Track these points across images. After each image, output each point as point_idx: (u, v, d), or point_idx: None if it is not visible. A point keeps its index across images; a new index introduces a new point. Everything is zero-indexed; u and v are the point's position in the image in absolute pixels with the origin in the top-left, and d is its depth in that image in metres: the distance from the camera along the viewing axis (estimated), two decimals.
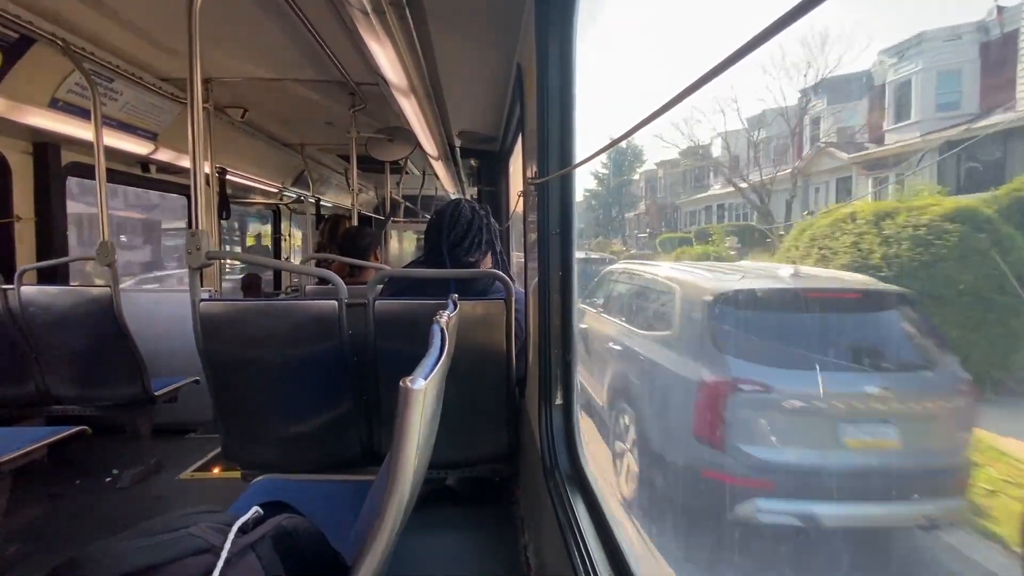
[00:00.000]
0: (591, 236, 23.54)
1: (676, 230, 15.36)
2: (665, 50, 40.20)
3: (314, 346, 1.61)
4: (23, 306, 2.30)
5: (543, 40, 1.27)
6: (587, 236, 26.00)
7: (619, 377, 3.96)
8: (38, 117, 2.43)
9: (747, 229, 10.00)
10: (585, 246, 17.04)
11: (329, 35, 2.16)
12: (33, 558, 1.83)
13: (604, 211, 24.85)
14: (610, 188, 24.31)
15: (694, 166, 15.42)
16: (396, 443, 0.61)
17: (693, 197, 15.07)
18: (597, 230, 23.93)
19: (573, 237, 1.32)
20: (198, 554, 0.48)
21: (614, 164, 25.02)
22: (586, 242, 20.76)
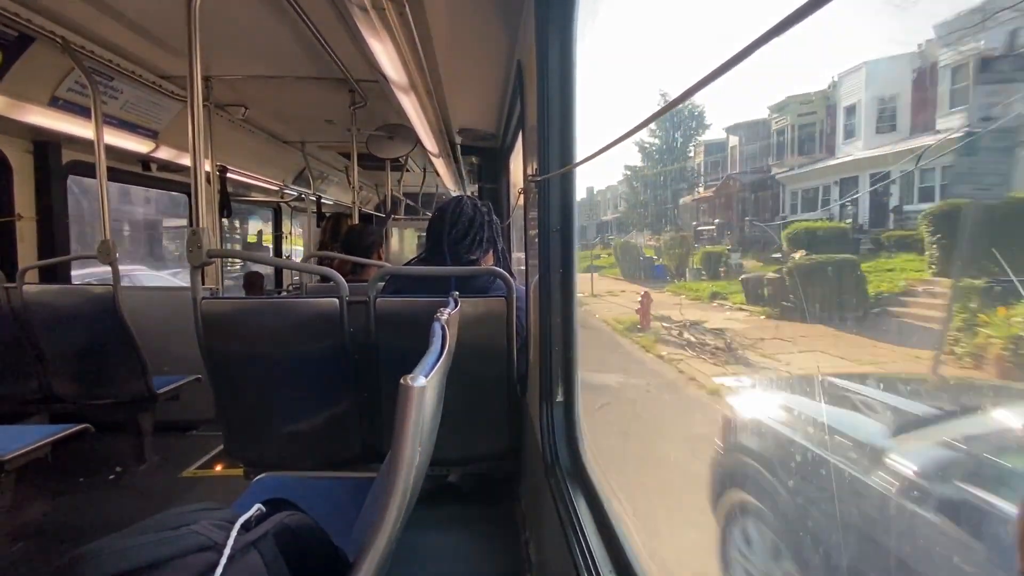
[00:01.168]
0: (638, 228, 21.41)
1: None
2: (672, 43, 38.90)
3: (315, 344, 1.61)
4: (25, 305, 2.30)
5: (543, 37, 1.26)
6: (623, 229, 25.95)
7: None
8: (38, 115, 2.43)
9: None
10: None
11: (329, 32, 2.15)
12: (37, 555, 1.84)
13: (652, 192, 21.39)
14: (666, 159, 21.30)
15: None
16: (396, 441, 0.62)
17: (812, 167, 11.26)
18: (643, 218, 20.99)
19: (574, 234, 1.32)
20: (201, 551, 0.48)
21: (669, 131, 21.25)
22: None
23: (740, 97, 7.20)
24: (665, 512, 2.10)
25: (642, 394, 3.79)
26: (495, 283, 1.72)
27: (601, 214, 37.95)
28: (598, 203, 38.91)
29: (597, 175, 42.64)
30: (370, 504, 0.91)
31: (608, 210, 35.75)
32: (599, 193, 37.56)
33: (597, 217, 38.41)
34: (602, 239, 34.25)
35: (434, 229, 1.87)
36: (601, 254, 17.57)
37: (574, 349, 1.36)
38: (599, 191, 37.92)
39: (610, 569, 0.88)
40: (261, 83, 2.86)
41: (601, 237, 35.38)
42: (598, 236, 34.68)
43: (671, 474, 2.40)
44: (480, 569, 1.58)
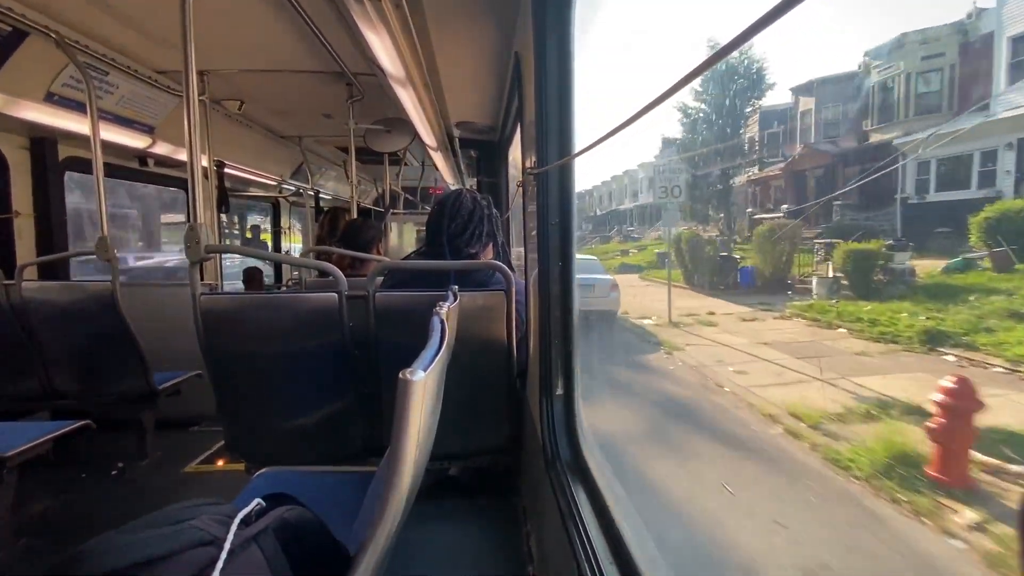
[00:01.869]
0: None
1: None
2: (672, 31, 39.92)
3: (315, 339, 1.61)
4: (24, 302, 2.30)
5: (541, 28, 1.25)
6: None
7: None
8: (34, 111, 2.42)
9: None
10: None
11: (325, 25, 2.14)
12: (40, 551, 1.85)
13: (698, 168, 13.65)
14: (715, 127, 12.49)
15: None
16: (396, 435, 0.62)
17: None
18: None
19: (573, 227, 1.32)
20: (201, 546, 0.49)
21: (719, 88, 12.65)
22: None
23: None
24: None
25: None
26: (494, 277, 1.72)
27: (614, 203, 31.46)
28: (611, 192, 32.90)
29: (609, 162, 35.58)
30: (370, 498, 0.91)
31: (625, 198, 29.82)
32: (613, 179, 31.50)
33: (611, 206, 32.32)
34: (619, 231, 27.61)
35: (433, 223, 1.87)
36: (631, 249, 15.23)
37: (573, 342, 1.36)
38: (613, 177, 32.07)
39: (611, 561, 0.89)
40: (258, 77, 2.84)
41: (618, 229, 28.78)
42: (613, 228, 28.79)
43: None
44: (481, 562, 1.59)
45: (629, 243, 21.01)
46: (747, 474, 1.98)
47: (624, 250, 15.41)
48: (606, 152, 37.62)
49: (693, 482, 1.57)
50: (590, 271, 9.94)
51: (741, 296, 4.03)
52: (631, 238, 22.49)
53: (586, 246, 25.92)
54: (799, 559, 1.64)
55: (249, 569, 0.50)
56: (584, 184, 35.52)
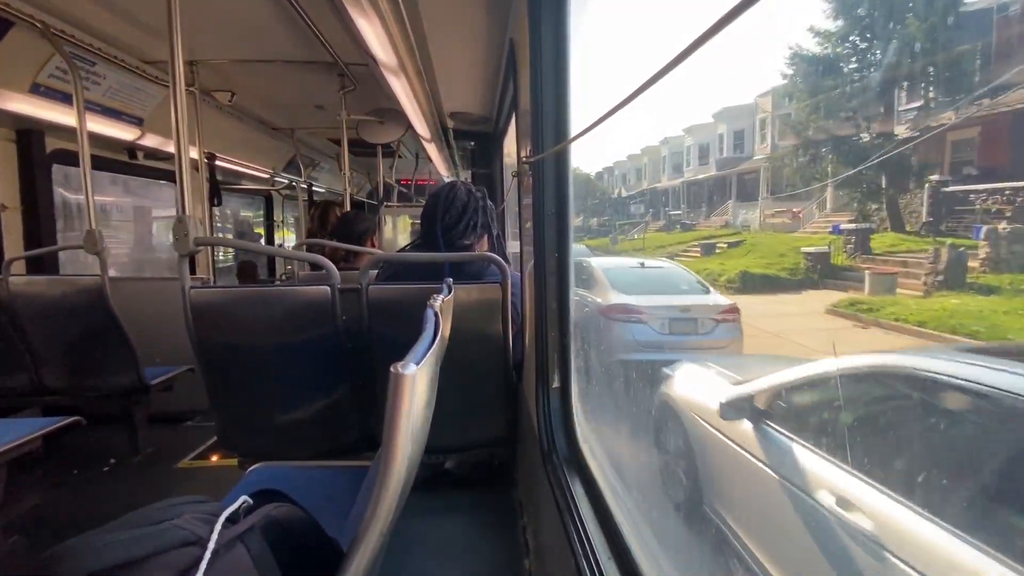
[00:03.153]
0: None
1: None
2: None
3: (308, 332, 1.59)
4: (12, 296, 2.27)
5: (536, 13, 1.22)
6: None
7: None
8: (19, 103, 2.37)
9: None
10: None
11: (317, 14, 2.10)
12: (31, 548, 1.83)
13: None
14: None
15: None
16: (388, 429, 0.60)
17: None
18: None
19: (570, 217, 1.30)
20: (184, 546, 0.47)
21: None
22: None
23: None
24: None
25: None
26: (489, 269, 1.70)
27: (645, 181, 26.37)
28: (641, 167, 27.29)
29: (632, 135, 29.19)
30: (364, 493, 0.90)
31: (662, 174, 24.27)
32: (645, 152, 26.27)
33: (640, 184, 26.78)
34: (659, 215, 21.92)
35: (427, 215, 1.84)
36: (719, 241, 9.91)
37: (569, 335, 1.34)
38: (644, 150, 26.52)
39: (608, 556, 0.87)
40: (248, 68, 2.79)
41: (652, 213, 23.18)
42: (646, 212, 24.00)
43: None
44: (478, 555, 1.58)
45: (689, 234, 13.64)
46: None
47: (708, 244, 8.70)
48: (627, 125, 32.34)
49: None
50: (666, 285, 5.63)
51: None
52: (680, 224, 16.53)
53: (601, 237, 20.18)
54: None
55: (234, 569, 0.49)
56: (597, 164, 29.49)
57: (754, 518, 2.07)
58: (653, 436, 3.00)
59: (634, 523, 0.92)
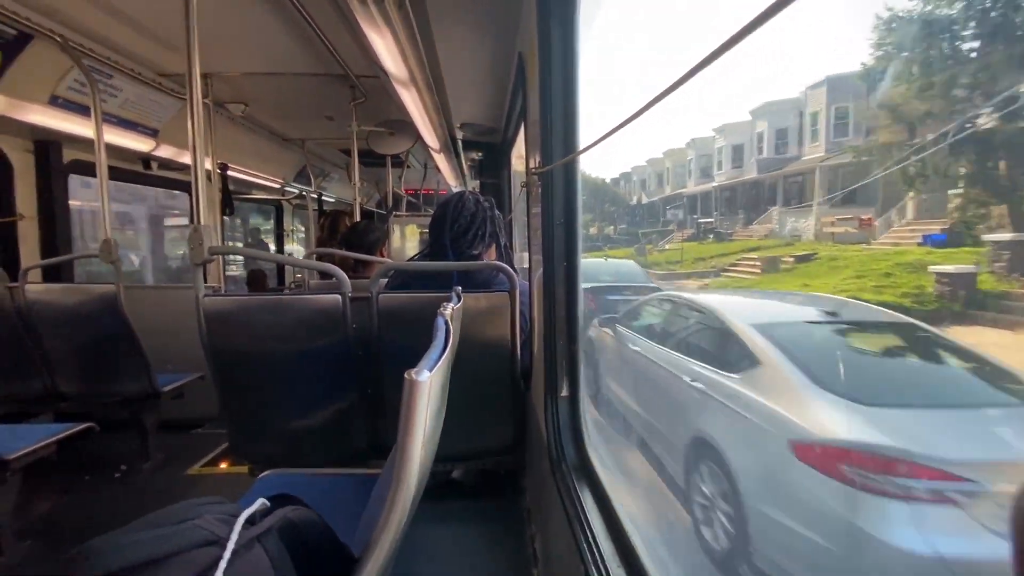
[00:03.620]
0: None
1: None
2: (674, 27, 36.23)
3: (319, 340, 1.60)
4: (29, 304, 2.30)
5: (545, 27, 1.25)
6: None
7: None
8: (38, 115, 2.43)
9: None
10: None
11: (328, 27, 2.14)
12: (44, 553, 1.85)
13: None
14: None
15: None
16: (402, 435, 0.61)
17: None
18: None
19: (578, 227, 1.31)
20: (204, 546, 0.48)
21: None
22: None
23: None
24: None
25: None
26: (498, 278, 1.71)
27: (667, 187, 24.49)
28: (663, 172, 25.48)
29: (649, 140, 33.24)
30: (375, 499, 0.91)
31: (688, 179, 22.56)
32: (667, 156, 24.06)
33: (661, 191, 25.17)
34: (687, 224, 19.71)
35: (436, 224, 1.87)
36: (711, 259, 8.96)
37: (578, 343, 1.35)
38: (667, 153, 24.62)
39: (617, 564, 0.88)
40: (261, 80, 2.84)
41: (678, 223, 21.16)
42: (669, 222, 22.39)
43: None
44: (487, 564, 1.58)
45: (732, 244, 11.37)
46: None
47: (769, 259, 7.29)
48: (645, 128, 31.21)
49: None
50: (946, 381, 2.42)
51: None
52: (713, 233, 14.33)
53: (623, 247, 17.73)
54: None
55: (253, 569, 0.50)
56: (612, 170, 27.03)
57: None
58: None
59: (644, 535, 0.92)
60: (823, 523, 1.96)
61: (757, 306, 3.90)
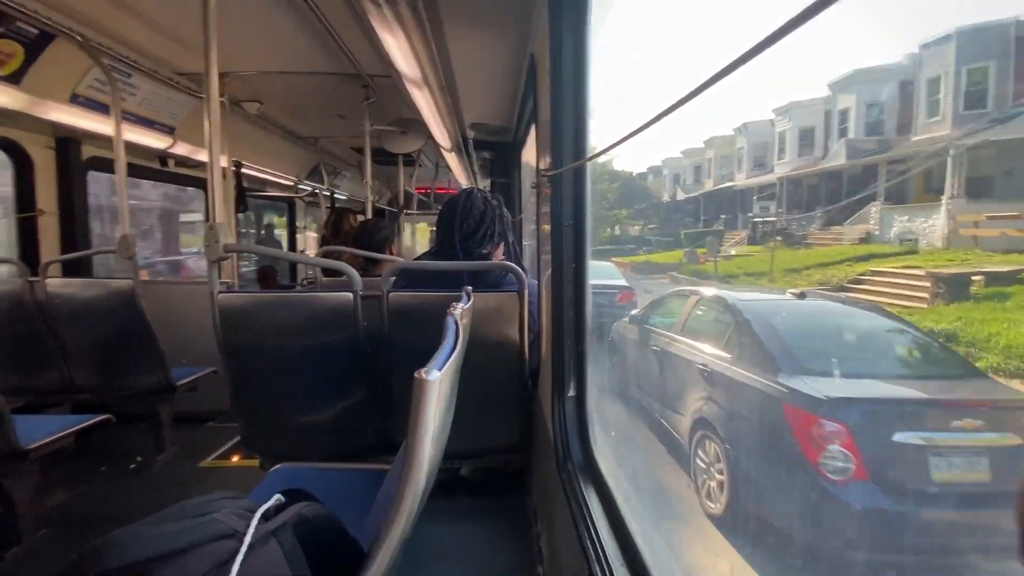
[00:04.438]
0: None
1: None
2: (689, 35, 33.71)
3: (330, 337, 1.63)
4: (48, 298, 2.36)
5: (557, 30, 1.26)
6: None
7: None
8: (59, 112, 2.47)
9: None
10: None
11: (342, 27, 2.16)
12: (61, 541, 1.89)
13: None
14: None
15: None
16: (411, 433, 0.62)
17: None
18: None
19: (587, 229, 1.32)
20: (222, 539, 0.50)
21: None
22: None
23: None
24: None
25: None
26: (507, 278, 1.72)
27: (710, 181, 20.43)
28: (703, 164, 21.39)
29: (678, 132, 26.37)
30: (384, 494, 0.92)
31: (738, 171, 17.89)
32: (709, 145, 19.64)
33: (699, 185, 21.24)
34: (741, 224, 15.48)
35: (444, 222, 1.86)
36: (809, 271, 7.19)
37: (585, 343, 1.36)
38: (708, 142, 20.39)
39: (621, 563, 0.89)
40: (275, 79, 2.88)
41: (726, 222, 16.81)
42: (713, 221, 17.86)
43: None
44: (491, 561, 1.60)
45: (844, 249, 9.08)
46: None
47: (954, 278, 4.59)
48: (678, 118, 27.22)
49: None
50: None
51: None
52: (780, 235, 11.65)
53: (663, 251, 15.20)
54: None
55: (268, 563, 0.51)
56: (639, 164, 23.80)
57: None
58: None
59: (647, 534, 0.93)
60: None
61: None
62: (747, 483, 2.69)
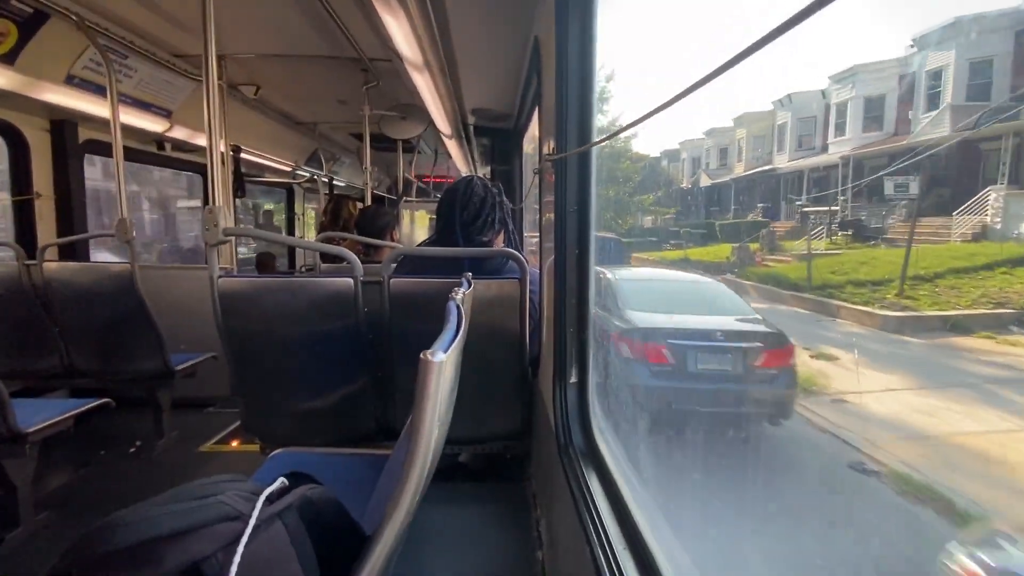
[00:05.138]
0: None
1: None
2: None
3: (330, 323, 1.62)
4: (46, 282, 2.34)
5: (562, 11, 1.23)
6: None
7: None
8: (54, 93, 2.44)
9: None
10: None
11: (343, 9, 2.13)
12: (60, 524, 1.90)
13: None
14: None
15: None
16: (416, 415, 0.62)
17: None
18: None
19: (591, 215, 1.31)
20: (227, 520, 0.49)
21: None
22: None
23: None
24: None
25: None
26: (508, 264, 1.71)
27: (742, 164, 16.05)
28: (731, 146, 17.07)
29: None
30: (387, 478, 0.92)
31: (779, 151, 13.81)
32: (740, 122, 15.76)
33: (726, 168, 17.14)
34: (784, 213, 12.11)
35: (445, 209, 1.86)
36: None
37: (588, 330, 1.36)
38: (739, 119, 16.26)
39: (624, 546, 0.89)
40: (274, 62, 2.84)
41: (764, 211, 12.97)
42: (748, 209, 13.98)
43: None
44: (491, 545, 1.61)
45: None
46: None
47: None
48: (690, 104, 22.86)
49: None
50: None
51: None
52: (853, 229, 9.39)
53: (712, 243, 12.76)
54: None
55: (273, 544, 0.51)
56: (651, 147, 20.69)
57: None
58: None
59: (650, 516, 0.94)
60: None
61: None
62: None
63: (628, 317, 4.27)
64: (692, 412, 3.81)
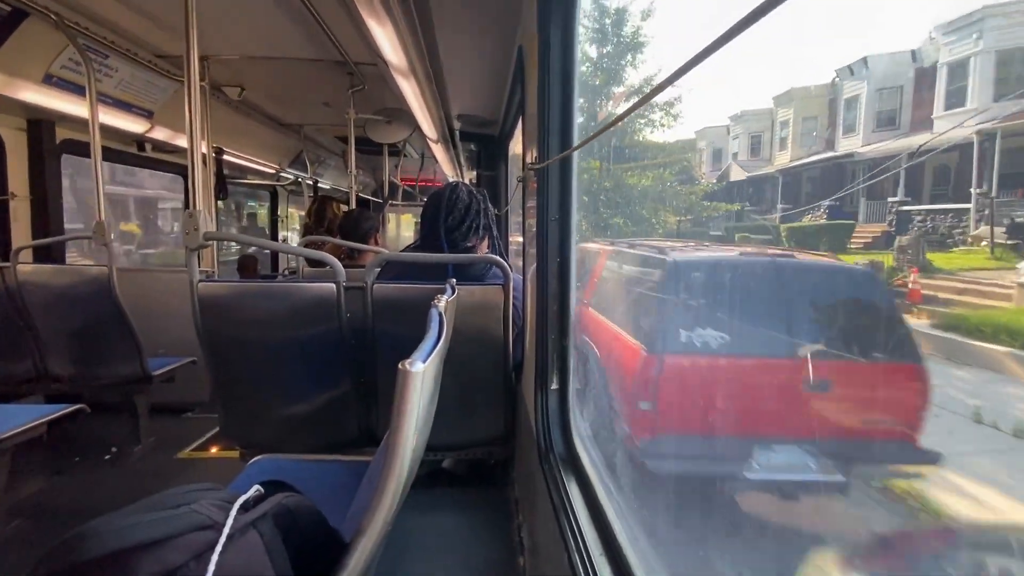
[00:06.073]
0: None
1: None
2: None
3: (312, 328, 1.61)
4: (20, 285, 2.29)
5: (545, 21, 1.25)
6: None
7: None
8: (32, 93, 2.40)
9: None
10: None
11: (328, 13, 2.13)
12: (34, 533, 1.85)
13: None
14: None
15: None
16: (394, 424, 0.62)
17: None
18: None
19: (573, 223, 1.32)
20: (200, 530, 0.49)
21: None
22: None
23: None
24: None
25: None
26: (492, 271, 1.72)
27: (783, 155, 12.65)
28: (764, 133, 13.56)
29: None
30: (366, 486, 0.92)
31: (840, 138, 10.68)
32: (781, 103, 12.39)
33: (763, 161, 13.39)
34: (868, 213, 8.81)
35: (429, 215, 1.86)
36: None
37: (569, 337, 1.37)
38: (780, 97, 12.96)
39: (600, 552, 0.90)
40: (258, 64, 2.82)
41: (828, 209, 9.59)
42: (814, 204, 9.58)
43: None
44: (473, 552, 1.61)
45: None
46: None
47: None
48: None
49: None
50: None
51: None
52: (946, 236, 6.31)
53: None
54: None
55: (248, 554, 0.51)
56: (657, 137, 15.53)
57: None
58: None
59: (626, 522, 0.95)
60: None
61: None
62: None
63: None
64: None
